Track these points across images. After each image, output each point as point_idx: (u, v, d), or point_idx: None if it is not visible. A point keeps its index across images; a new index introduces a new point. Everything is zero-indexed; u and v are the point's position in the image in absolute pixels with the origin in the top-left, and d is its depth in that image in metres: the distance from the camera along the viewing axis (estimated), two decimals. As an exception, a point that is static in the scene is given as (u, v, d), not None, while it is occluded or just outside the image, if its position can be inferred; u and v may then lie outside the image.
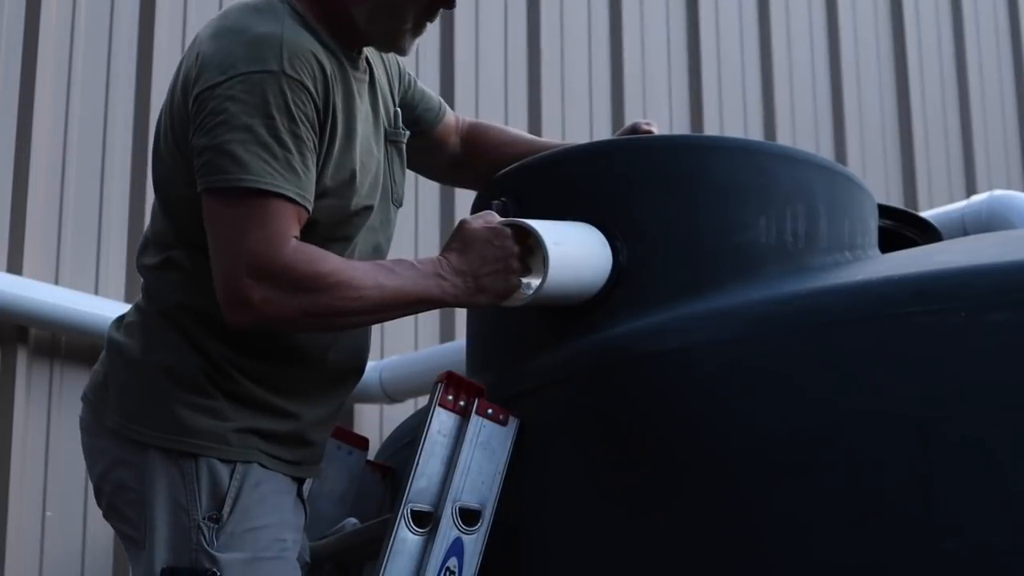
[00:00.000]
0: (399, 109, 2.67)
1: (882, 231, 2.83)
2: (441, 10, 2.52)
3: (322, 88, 2.39)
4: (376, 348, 4.67)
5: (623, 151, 2.67)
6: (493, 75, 5.17)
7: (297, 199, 2.33)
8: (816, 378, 2.30)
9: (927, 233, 3.09)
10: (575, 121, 5.27)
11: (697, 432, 2.36)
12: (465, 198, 4.87)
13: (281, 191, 2.32)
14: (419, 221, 4.75)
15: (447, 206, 4.92)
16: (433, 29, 5.18)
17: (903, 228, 3.08)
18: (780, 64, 5.96)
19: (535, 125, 5.16)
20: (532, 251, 2.45)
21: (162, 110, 2.52)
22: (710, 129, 5.62)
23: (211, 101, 2.35)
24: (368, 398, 4.59)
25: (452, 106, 5.32)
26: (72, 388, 4.16)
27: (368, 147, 2.52)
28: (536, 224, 2.44)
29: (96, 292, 4.23)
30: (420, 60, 4.90)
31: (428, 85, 2.91)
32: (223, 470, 2.40)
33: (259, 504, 2.41)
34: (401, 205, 2.65)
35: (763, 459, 2.30)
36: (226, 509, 2.38)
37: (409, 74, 2.80)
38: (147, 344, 2.47)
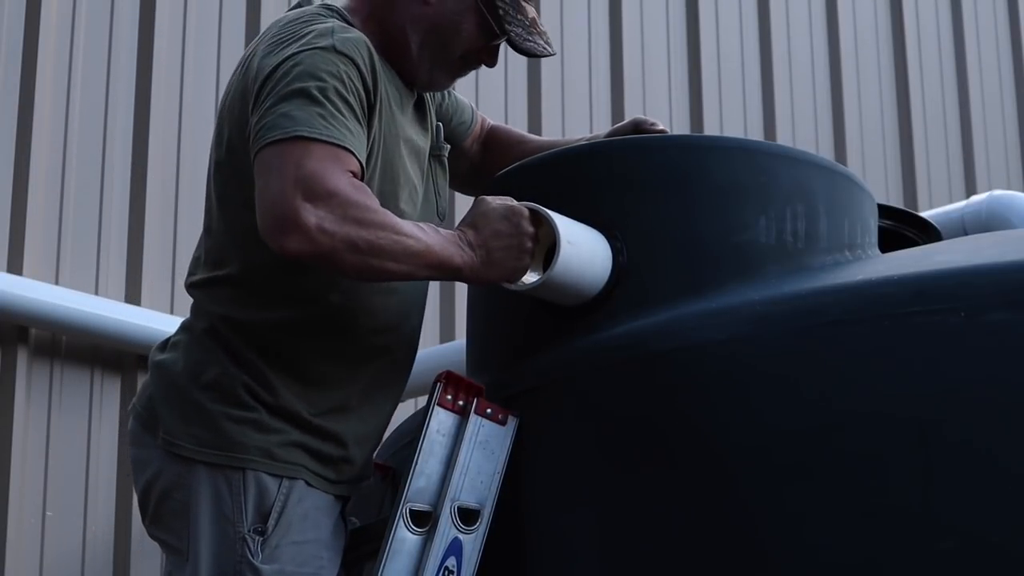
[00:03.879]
0: (439, 124, 2.71)
1: (882, 231, 2.83)
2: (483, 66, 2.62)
3: (371, 73, 2.43)
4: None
5: (623, 151, 2.67)
6: (493, 75, 5.17)
7: (352, 151, 2.34)
8: (816, 378, 2.30)
9: (927, 233, 3.08)
10: (575, 121, 5.26)
11: (697, 432, 2.36)
12: (463, 197, 4.87)
13: (336, 141, 2.33)
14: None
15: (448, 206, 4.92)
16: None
17: (903, 228, 3.07)
18: (780, 64, 5.96)
19: (535, 125, 5.16)
20: (540, 240, 2.47)
21: (219, 120, 2.55)
22: (710, 129, 5.61)
23: (266, 86, 2.39)
24: (368, 398, 4.58)
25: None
26: (72, 388, 4.16)
27: (413, 158, 2.55)
28: (552, 214, 2.45)
29: (96, 292, 4.23)
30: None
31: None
32: (271, 483, 2.42)
33: (302, 520, 2.43)
34: (444, 218, 2.68)
35: (763, 459, 2.30)
36: (271, 522, 2.40)
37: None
38: (190, 360, 2.48)
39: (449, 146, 2.73)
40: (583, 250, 2.49)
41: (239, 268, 2.48)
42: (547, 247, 2.47)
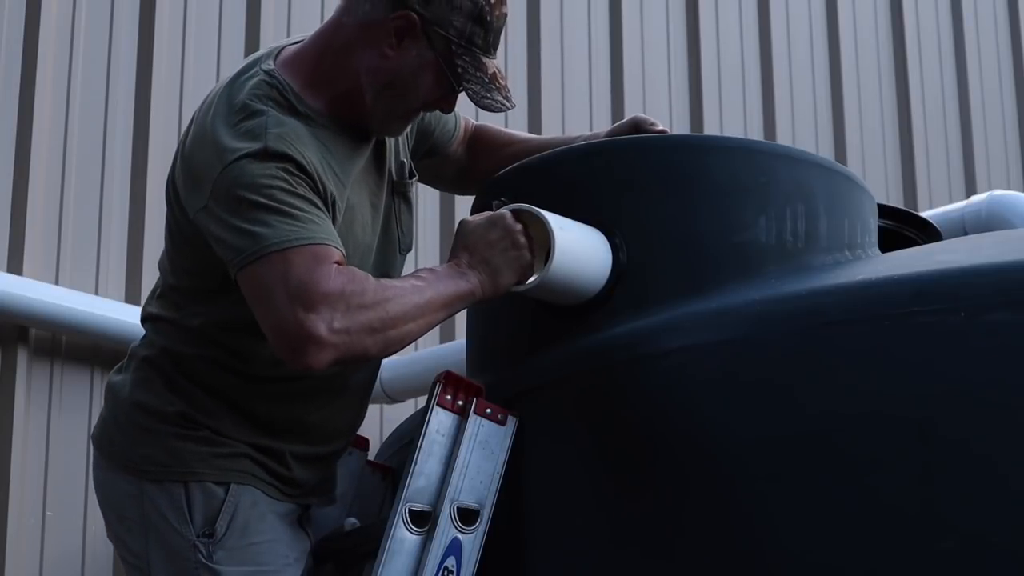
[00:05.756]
0: (404, 160, 2.68)
1: (882, 231, 2.83)
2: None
3: (307, 162, 2.40)
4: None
5: (623, 151, 2.67)
6: (493, 75, 5.16)
7: (323, 243, 2.34)
8: (816, 378, 2.30)
9: (927, 233, 3.08)
10: (575, 121, 5.26)
11: (697, 432, 2.36)
12: (464, 199, 4.86)
13: (305, 241, 2.32)
14: (419, 224, 4.75)
15: (447, 208, 4.92)
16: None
17: (903, 228, 3.07)
18: (780, 64, 5.96)
19: (535, 125, 5.16)
20: (534, 239, 2.47)
21: (168, 176, 2.57)
22: (710, 129, 5.61)
23: (211, 198, 2.37)
24: (368, 398, 4.58)
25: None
26: (72, 388, 4.16)
27: (363, 218, 2.54)
28: (539, 209, 2.46)
29: (96, 292, 4.23)
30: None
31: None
32: (216, 490, 2.46)
33: (258, 521, 2.47)
34: (409, 251, 2.68)
35: (764, 459, 2.30)
36: (221, 524, 2.44)
37: None
38: (135, 387, 2.54)
39: (416, 177, 2.71)
40: (579, 237, 2.50)
41: (184, 315, 2.52)
42: (545, 247, 2.47)
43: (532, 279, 2.46)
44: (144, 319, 2.61)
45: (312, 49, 2.53)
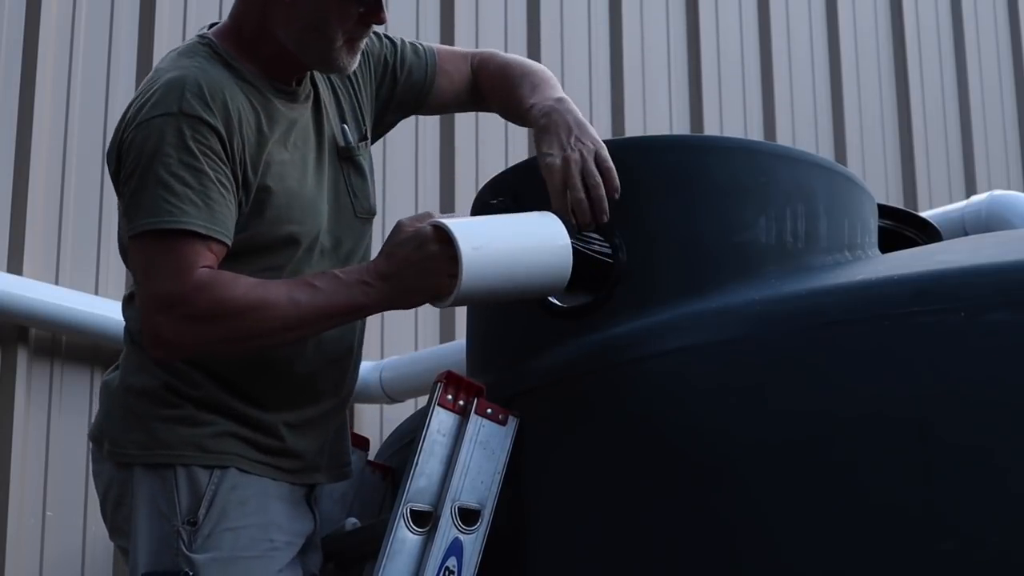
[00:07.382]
0: (345, 126, 2.64)
1: (882, 231, 2.83)
2: (375, 25, 2.52)
3: (224, 121, 2.41)
4: (376, 348, 4.67)
5: (623, 151, 2.67)
6: (493, 75, 5.16)
7: (202, 231, 2.36)
8: (816, 378, 2.30)
9: (927, 233, 3.09)
10: (575, 121, 5.25)
11: (697, 432, 2.36)
12: (464, 188, 4.86)
13: (182, 226, 2.35)
14: (418, 209, 4.75)
15: (447, 196, 4.93)
16: (433, 29, 5.19)
17: (903, 228, 3.08)
18: (780, 64, 5.96)
19: (535, 125, 5.15)
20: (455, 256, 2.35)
21: None
22: (710, 129, 5.61)
23: (121, 153, 2.45)
24: (368, 398, 4.59)
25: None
26: (72, 388, 4.16)
27: (299, 174, 2.52)
28: (455, 226, 2.34)
29: (96, 292, 4.23)
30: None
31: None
32: (202, 475, 2.45)
33: (238, 506, 2.45)
34: (372, 214, 2.65)
35: (763, 459, 2.30)
36: (202, 511, 2.43)
37: (385, 55, 2.73)
38: (124, 372, 2.56)
39: (365, 144, 2.67)
40: (507, 242, 2.37)
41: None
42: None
43: (447, 300, 2.37)
44: (124, 300, 2.63)
45: (231, 26, 2.56)
